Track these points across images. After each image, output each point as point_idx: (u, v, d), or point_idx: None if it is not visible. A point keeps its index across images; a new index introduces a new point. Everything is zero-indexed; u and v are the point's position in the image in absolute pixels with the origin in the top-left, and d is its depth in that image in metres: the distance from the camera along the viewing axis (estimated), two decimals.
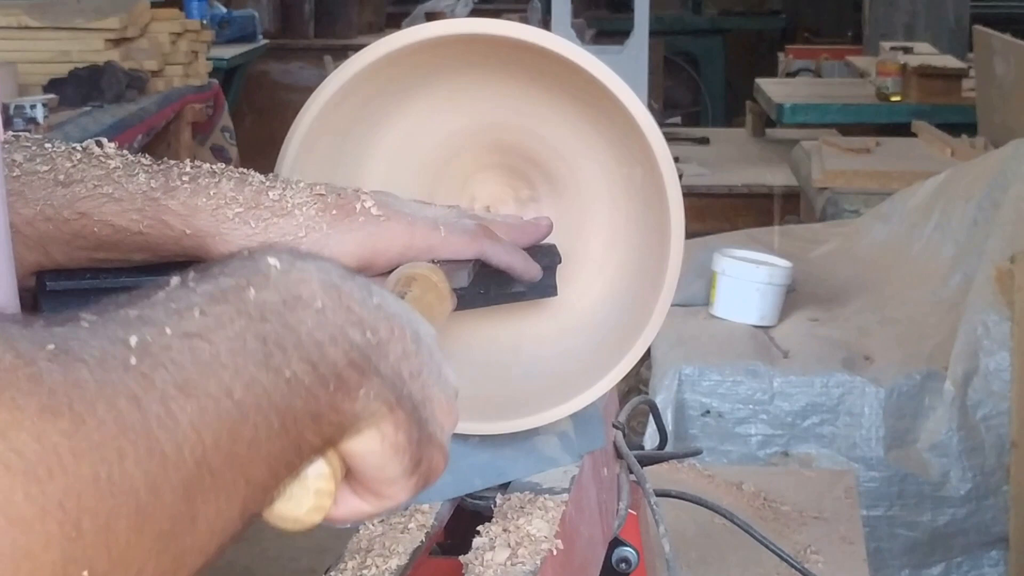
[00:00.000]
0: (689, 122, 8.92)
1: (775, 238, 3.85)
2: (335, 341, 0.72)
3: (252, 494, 0.67)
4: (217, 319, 0.67)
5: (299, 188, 1.05)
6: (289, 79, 7.97)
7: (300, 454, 0.70)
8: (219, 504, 0.64)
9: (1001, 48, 4.93)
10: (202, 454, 0.63)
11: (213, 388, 0.65)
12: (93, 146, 1.05)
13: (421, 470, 0.78)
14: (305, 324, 0.71)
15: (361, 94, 1.15)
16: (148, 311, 0.66)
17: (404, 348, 0.78)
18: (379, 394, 0.74)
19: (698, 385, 3.16)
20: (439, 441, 0.80)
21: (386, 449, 0.75)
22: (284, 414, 0.68)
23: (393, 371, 0.76)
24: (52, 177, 1.02)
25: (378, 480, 0.76)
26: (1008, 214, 3.32)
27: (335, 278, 0.75)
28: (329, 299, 0.74)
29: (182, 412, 0.63)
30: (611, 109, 1.12)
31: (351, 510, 0.78)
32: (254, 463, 0.66)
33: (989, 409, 3.08)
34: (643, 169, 1.14)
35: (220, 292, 0.69)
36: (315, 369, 0.70)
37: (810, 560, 2.00)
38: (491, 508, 1.13)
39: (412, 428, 0.76)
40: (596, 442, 1.25)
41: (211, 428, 0.64)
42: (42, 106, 4.38)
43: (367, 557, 1.03)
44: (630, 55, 6.94)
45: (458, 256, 1.08)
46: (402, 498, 0.78)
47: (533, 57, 1.11)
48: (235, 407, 0.65)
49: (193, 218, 1.02)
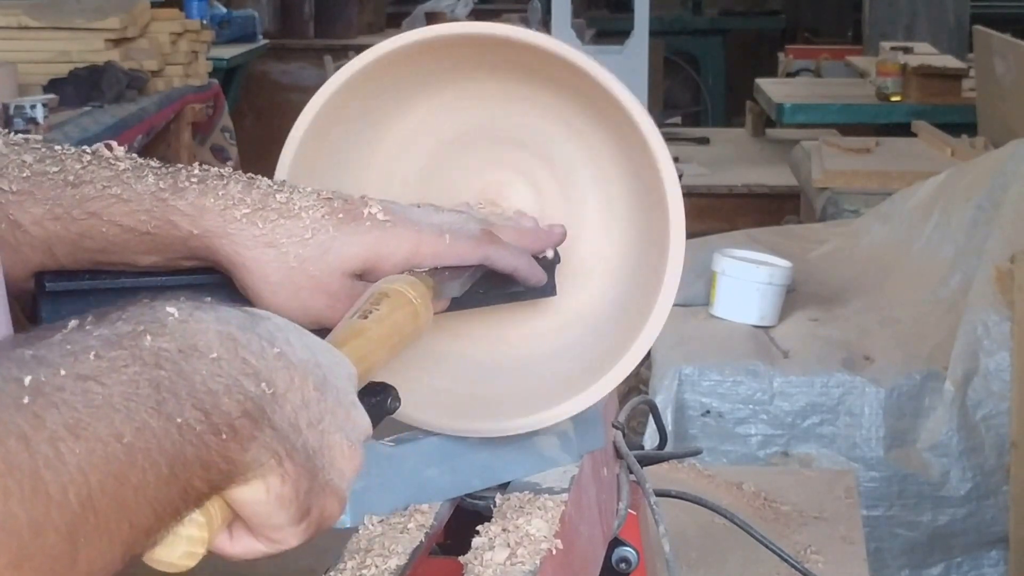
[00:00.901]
0: (689, 122, 8.92)
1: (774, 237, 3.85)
2: (229, 391, 0.73)
3: (135, 537, 0.68)
4: (111, 363, 0.68)
5: (306, 192, 1.05)
6: (289, 79, 7.97)
7: (187, 500, 0.71)
8: (101, 546, 0.65)
9: (1001, 48, 4.93)
10: (87, 496, 0.63)
11: (103, 431, 0.65)
12: (103, 149, 1.05)
13: (311, 518, 0.78)
14: (200, 373, 0.72)
15: (362, 95, 1.15)
16: (44, 351, 0.67)
17: (304, 397, 0.78)
18: (269, 446, 0.74)
19: (698, 385, 3.16)
20: (335, 487, 0.80)
21: (271, 500, 0.75)
22: (174, 460, 0.68)
23: (289, 422, 0.76)
24: (62, 178, 1.03)
25: (265, 527, 0.77)
26: (1008, 214, 3.32)
27: (234, 329, 0.76)
28: (225, 350, 0.74)
29: (71, 453, 0.63)
30: (610, 110, 1.12)
31: (245, 548, 0.78)
32: (140, 507, 0.67)
33: (989, 409, 3.07)
34: (643, 169, 1.14)
35: (116, 337, 0.70)
36: (208, 417, 0.71)
37: (810, 560, 2.00)
38: (490, 508, 1.13)
39: (301, 479, 0.76)
40: (596, 442, 1.25)
41: (98, 471, 0.64)
42: (42, 106, 4.38)
43: (367, 557, 1.03)
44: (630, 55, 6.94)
45: (463, 262, 1.08)
46: (292, 543, 0.78)
47: (533, 58, 1.12)
48: (124, 451, 0.66)
49: (201, 218, 1.02)
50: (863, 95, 6.16)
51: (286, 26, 8.27)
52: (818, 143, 4.91)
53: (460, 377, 1.20)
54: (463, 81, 1.18)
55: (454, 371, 1.20)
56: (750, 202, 5.55)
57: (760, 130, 6.65)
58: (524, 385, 1.20)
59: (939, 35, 7.16)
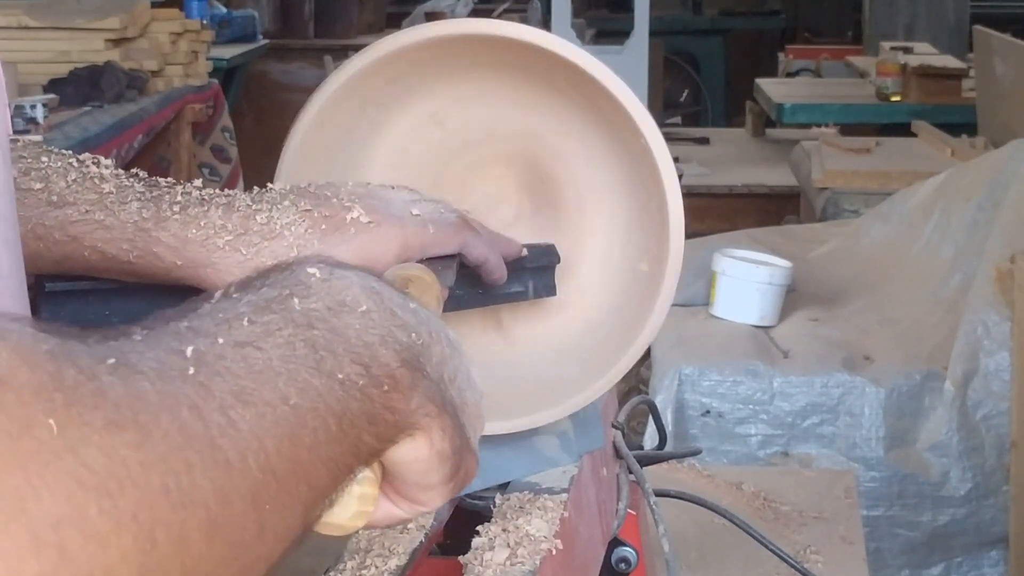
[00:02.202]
0: (689, 122, 8.92)
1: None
2: (385, 342, 0.73)
3: (314, 499, 0.67)
4: (265, 327, 0.68)
5: (285, 208, 1.04)
6: (289, 79, 7.97)
7: (358, 456, 0.71)
8: (284, 510, 0.65)
9: (1001, 48, 4.93)
10: (266, 461, 0.63)
11: (269, 394, 0.65)
12: (90, 163, 1.04)
13: (459, 477, 0.78)
14: (352, 328, 0.72)
15: (361, 94, 1.15)
16: (198, 322, 0.66)
17: (442, 352, 0.78)
18: (429, 395, 0.74)
19: (698, 385, 3.16)
20: (473, 448, 0.80)
21: (432, 456, 0.75)
22: (341, 417, 0.68)
23: (437, 374, 0.77)
24: (45, 197, 1.02)
25: (419, 486, 0.77)
26: (1008, 214, 3.32)
27: (374, 283, 0.76)
28: (373, 303, 0.74)
29: (242, 420, 0.63)
30: (610, 109, 1.12)
31: (385, 515, 0.78)
32: (315, 467, 0.67)
33: (989, 409, 3.08)
34: (642, 169, 1.14)
35: (265, 302, 0.70)
36: (368, 370, 0.71)
37: (810, 560, 2.00)
38: (490, 508, 1.13)
39: (456, 434, 0.76)
40: (595, 442, 1.25)
41: (271, 435, 0.64)
42: (42, 106, 4.37)
43: (366, 557, 1.03)
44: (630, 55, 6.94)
45: (446, 250, 1.07)
46: (437, 504, 0.78)
47: (532, 57, 1.11)
48: (292, 412, 0.65)
49: (184, 250, 1.02)
50: (863, 95, 6.16)
51: (286, 26, 8.27)
52: (818, 143, 4.92)
53: None
54: (462, 80, 1.18)
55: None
56: (750, 202, 5.55)
57: (760, 130, 6.65)
58: (524, 385, 1.20)
59: (939, 35, 7.16)
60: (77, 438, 0.56)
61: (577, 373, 1.17)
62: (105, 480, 0.56)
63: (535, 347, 1.22)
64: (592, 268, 1.21)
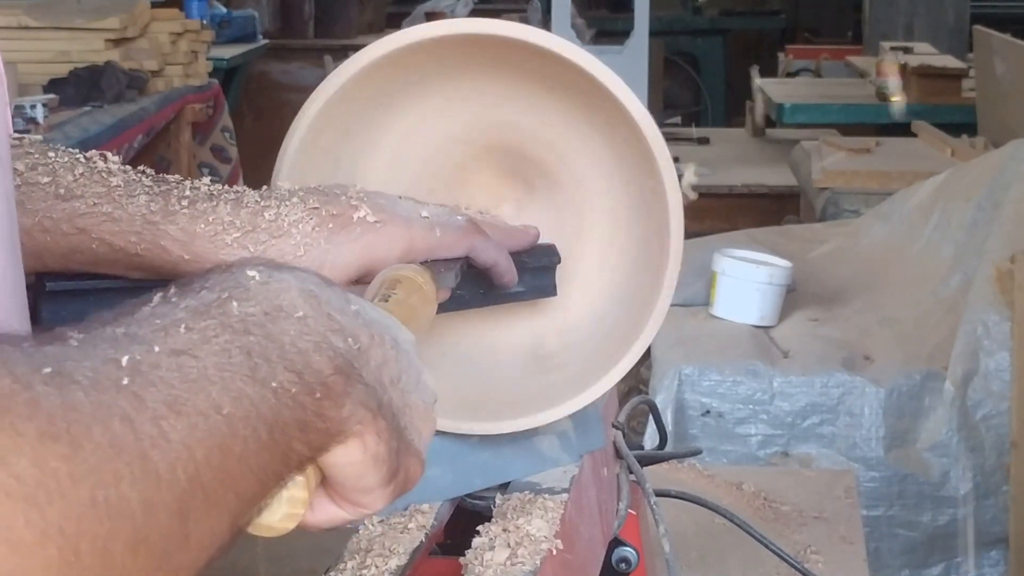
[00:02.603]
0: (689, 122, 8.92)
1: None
2: (319, 348, 0.73)
3: (242, 507, 0.68)
4: (202, 334, 0.68)
5: (293, 204, 1.04)
6: (289, 79, 7.97)
7: (288, 464, 0.71)
8: (211, 520, 0.65)
9: (1001, 48, 4.93)
10: (195, 471, 0.63)
11: (202, 404, 0.65)
12: (97, 159, 1.04)
13: (398, 479, 0.78)
14: (288, 334, 0.72)
15: (361, 94, 1.15)
16: (135, 328, 0.67)
17: (384, 355, 0.78)
18: (362, 402, 0.74)
19: (698, 385, 3.16)
20: (416, 449, 0.80)
21: (367, 460, 0.75)
22: (272, 425, 0.68)
23: (375, 378, 0.76)
24: (52, 190, 1.02)
25: (356, 489, 0.77)
26: (1008, 214, 3.32)
27: (313, 287, 0.76)
28: (310, 308, 0.74)
29: (173, 430, 0.63)
30: (610, 109, 1.12)
31: (328, 516, 0.78)
32: (244, 476, 0.67)
33: (989, 409, 3.08)
34: (642, 169, 1.14)
35: (203, 306, 0.70)
36: (301, 378, 0.71)
37: (810, 560, 2.00)
38: (491, 508, 1.13)
39: (392, 438, 0.76)
40: (596, 442, 1.25)
41: (202, 445, 0.64)
42: (42, 106, 4.38)
43: (367, 557, 1.03)
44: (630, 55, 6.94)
45: (451, 254, 1.08)
46: (379, 506, 0.78)
47: (533, 57, 1.11)
48: (224, 422, 0.66)
49: (192, 244, 1.02)
50: (863, 95, 6.16)
51: (286, 26, 8.27)
52: (818, 143, 4.92)
53: (461, 377, 1.20)
54: (463, 80, 1.18)
55: (454, 371, 1.20)
56: (750, 202, 5.55)
57: (760, 130, 6.65)
58: (524, 384, 1.20)
59: (939, 35, 7.16)
60: (8, 448, 0.56)
61: (577, 373, 1.17)
62: (34, 491, 0.56)
63: (536, 347, 1.22)
64: (592, 268, 1.21)
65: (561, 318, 1.21)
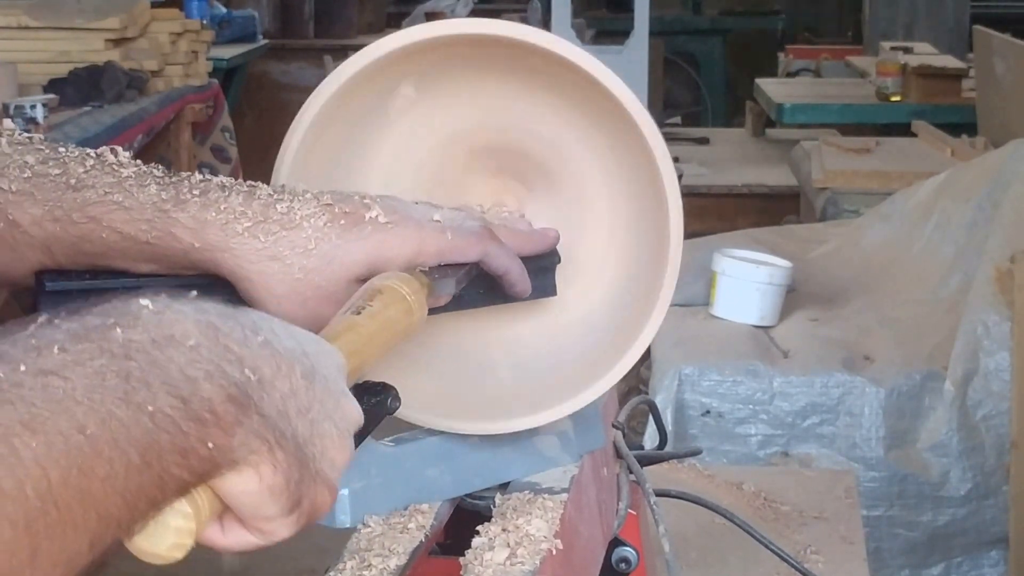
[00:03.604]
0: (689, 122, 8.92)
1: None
2: (210, 377, 0.72)
3: (104, 528, 0.68)
4: (76, 356, 0.68)
5: (306, 199, 1.04)
6: (289, 79, 7.97)
7: (164, 488, 0.71)
8: (65, 538, 0.65)
9: (1001, 48, 4.92)
10: (47, 489, 0.64)
11: (64, 424, 0.65)
12: (108, 153, 1.05)
13: (302, 509, 0.78)
14: (175, 361, 0.72)
15: (362, 94, 1.15)
16: (7, 347, 0.67)
17: (292, 385, 0.78)
18: (258, 433, 0.74)
19: (698, 385, 3.16)
20: (326, 477, 0.80)
21: (263, 490, 0.75)
22: (146, 448, 0.68)
23: (277, 410, 0.76)
24: (64, 180, 1.02)
25: (256, 518, 0.77)
26: (1008, 214, 3.32)
27: (213, 318, 0.76)
28: (204, 337, 0.74)
29: (26, 448, 0.63)
30: (610, 109, 1.12)
31: (237, 540, 0.78)
32: (108, 498, 0.67)
33: (989, 409, 3.08)
34: (642, 169, 1.14)
35: (84, 330, 0.70)
36: (185, 404, 0.71)
37: (810, 560, 2.00)
38: (490, 508, 1.13)
39: (292, 468, 0.76)
40: (596, 442, 1.25)
41: (58, 464, 0.64)
42: (42, 106, 4.37)
43: (367, 557, 1.03)
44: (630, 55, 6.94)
45: (464, 258, 1.08)
46: (284, 534, 0.78)
47: (533, 57, 1.11)
48: (87, 442, 0.66)
49: (203, 232, 1.02)
50: (863, 95, 6.16)
51: (286, 26, 8.27)
52: (818, 143, 4.91)
53: (460, 376, 1.20)
54: (463, 80, 1.18)
55: (454, 371, 1.20)
56: (750, 202, 5.55)
57: (760, 130, 6.65)
58: (524, 384, 1.20)
59: (939, 35, 7.16)
60: None
61: (577, 373, 1.17)
62: None
63: (536, 347, 1.22)
64: (592, 268, 1.21)
65: (561, 318, 1.21)
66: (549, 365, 1.20)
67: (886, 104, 5.93)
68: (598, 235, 1.21)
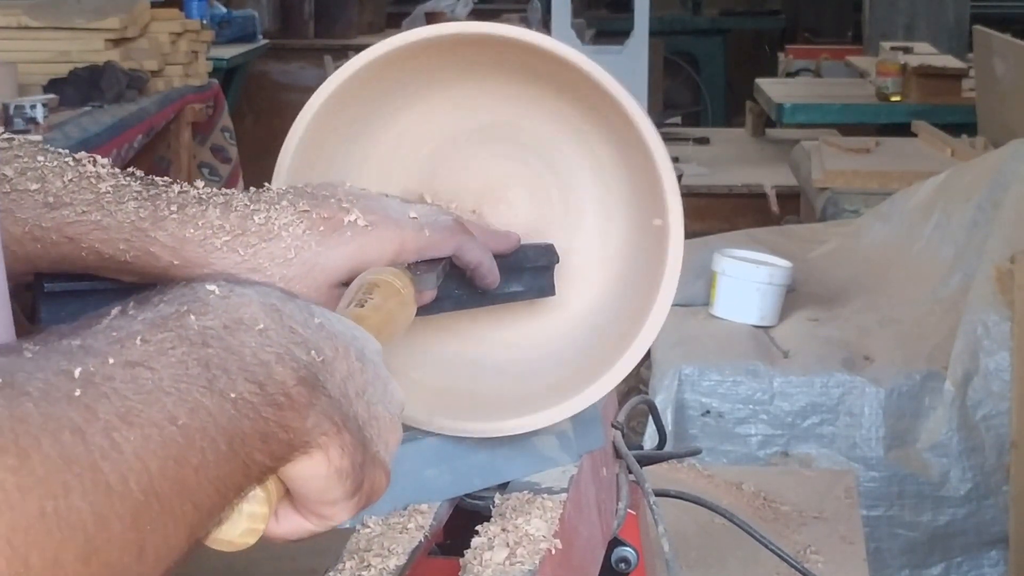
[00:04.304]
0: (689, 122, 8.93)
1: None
2: (281, 360, 0.73)
3: (200, 518, 0.68)
4: (158, 346, 0.68)
5: (283, 208, 1.03)
6: (289, 79, 7.97)
7: (249, 475, 0.71)
8: (167, 531, 0.65)
9: (1001, 48, 4.92)
10: (148, 483, 0.64)
11: (157, 415, 0.65)
12: (86, 162, 1.04)
13: (363, 492, 0.78)
14: (248, 346, 0.72)
15: (361, 94, 1.15)
16: (90, 340, 0.67)
17: (349, 367, 0.78)
18: (327, 414, 0.74)
19: (698, 385, 3.16)
20: (382, 460, 0.80)
21: (330, 472, 0.75)
22: (231, 436, 0.69)
23: (339, 391, 0.76)
24: (41, 198, 1.01)
25: (320, 502, 0.77)
26: (1008, 214, 3.32)
27: (276, 301, 0.76)
28: (271, 320, 0.74)
29: (126, 442, 0.63)
30: (609, 110, 1.12)
31: (293, 527, 0.78)
32: (202, 487, 0.67)
33: (989, 409, 3.08)
34: (641, 170, 1.14)
35: (161, 319, 0.70)
36: (262, 389, 0.71)
37: (810, 560, 2.00)
38: (490, 508, 1.13)
39: (357, 451, 0.76)
40: (595, 442, 1.25)
41: (156, 456, 0.64)
42: (42, 106, 4.37)
43: (366, 557, 1.03)
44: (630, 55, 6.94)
45: (440, 253, 1.08)
46: (343, 518, 0.78)
47: (532, 58, 1.12)
48: (180, 433, 0.66)
49: (181, 250, 1.02)
50: (863, 95, 6.16)
51: (286, 26, 8.27)
52: (818, 143, 4.92)
53: (460, 377, 1.20)
54: (462, 81, 1.18)
55: (453, 371, 1.20)
56: (750, 202, 5.55)
57: (760, 130, 6.65)
58: (524, 385, 1.20)
59: (939, 35, 7.16)
60: None
61: (577, 373, 1.17)
62: None
63: (535, 347, 1.22)
64: (591, 268, 1.21)
65: (560, 318, 1.21)
66: (549, 365, 1.20)
67: (886, 104, 5.93)
68: (597, 235, 1.21)
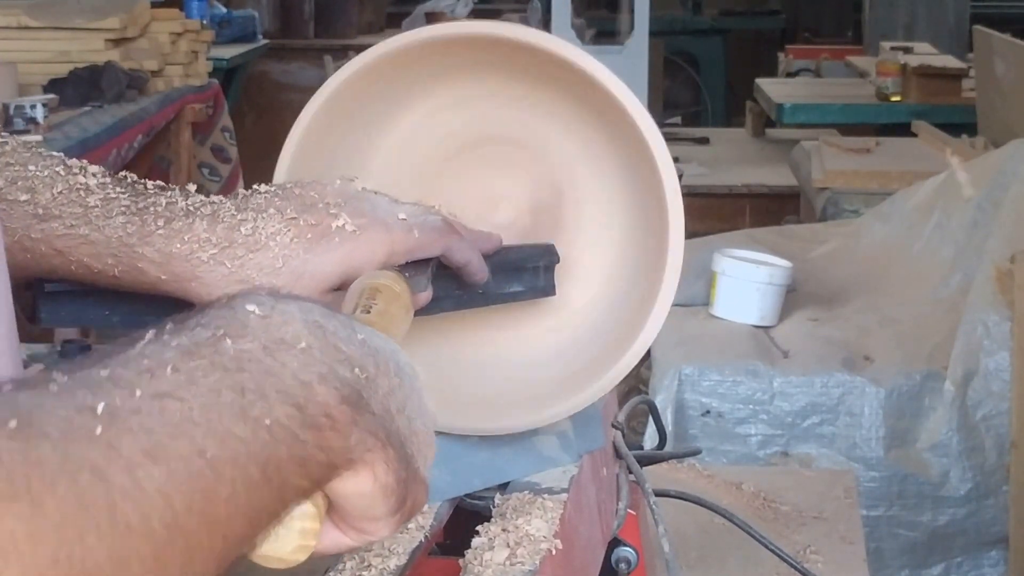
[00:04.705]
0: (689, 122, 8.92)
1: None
2: (324, 380, 0.71)
3: (229, 548, 0.66)
4: (190, 375, 0.66)
5: (270, 216, 1.03)
6: (289, 79, 7.97)
7: (284, 500, 0.70)
8: (193, 566, 0.63)
9: (1001, 48, 4.92)
10: (172, 519, 0.62)
11: (184, 449, 0.63)
12: (77, 170, 1.03)
13: (406, 508, 0.77)
14: (289, 366, 0.70)
15: (361, 94, 1.15)
16: (120, 370, 0.65)
17: (389, 383, 0.77)
18: (372, 430, 0.73)
19: (698, 385, 3.16)
20: (422, 476, 0.79)
21: (376, 489, 0.74)
22: (266, 464, 0.67)
23: (382, 407, 0.75)
24: (31, 210, 1.01)
25: (365, 518, 0.76)
26: (1008, 214, 3.32)
27: (319, 317, 0.75)
28: (315, 339, 0.73)
29: (149, 479, 0.61)
30: (610, 109, 1.12)
31: (332, 543, 0.77)
32: (232, 519, 0.66)
33: (989, 409, 3.08)
34: (642, 169, 1.14)
35: (195, 346, 0.68)
36: (301, 411, 0.69)
37: (810, 560, 2.00)
38: (490, 508, 1.13)
39: (400, 467, 0.76)
40: (595, 442, 1.25)
41: (182, 492, 0.63)
42: (42, 106, 4.37)
43: (366, 557, 1.03)
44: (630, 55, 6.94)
45: (429, 254, 1.07)
46: (385, 535, 0.77)
47: (532, 58, 1.12)
48: (208, 466, 0.64)
49: (168, 265, 1.01)
50: (863, 95, 6.16)
51: (286, 26, 8.27)
52: (818, 143, 4.91)
53: (460, 377, 1.20)
54: (462, 81, 1.18)
55: (453, 371, 1.20)
56: (750, 202, 5.55)
57: (760, 130, 6.65)
58: (524, 384, 1.20)
59: (939, 35, 7.16)
60: None
61: (577, 373, 1.17)
62: None
63: (535, 347, 1.22)
64: (592, 268, 1.21)
65: (560, 318, 1.21)
66: (549, 366, 1.20)
67: (886, 104, 5.93)
68: (598, 235, 1.21)
